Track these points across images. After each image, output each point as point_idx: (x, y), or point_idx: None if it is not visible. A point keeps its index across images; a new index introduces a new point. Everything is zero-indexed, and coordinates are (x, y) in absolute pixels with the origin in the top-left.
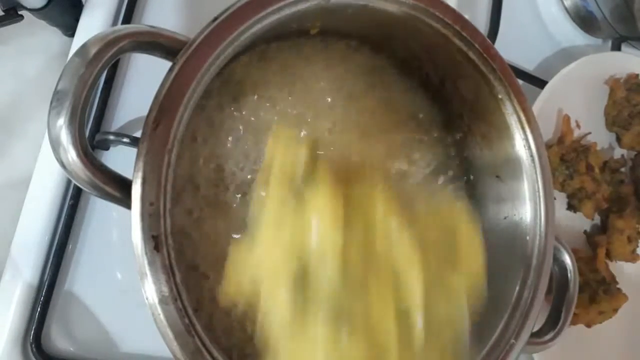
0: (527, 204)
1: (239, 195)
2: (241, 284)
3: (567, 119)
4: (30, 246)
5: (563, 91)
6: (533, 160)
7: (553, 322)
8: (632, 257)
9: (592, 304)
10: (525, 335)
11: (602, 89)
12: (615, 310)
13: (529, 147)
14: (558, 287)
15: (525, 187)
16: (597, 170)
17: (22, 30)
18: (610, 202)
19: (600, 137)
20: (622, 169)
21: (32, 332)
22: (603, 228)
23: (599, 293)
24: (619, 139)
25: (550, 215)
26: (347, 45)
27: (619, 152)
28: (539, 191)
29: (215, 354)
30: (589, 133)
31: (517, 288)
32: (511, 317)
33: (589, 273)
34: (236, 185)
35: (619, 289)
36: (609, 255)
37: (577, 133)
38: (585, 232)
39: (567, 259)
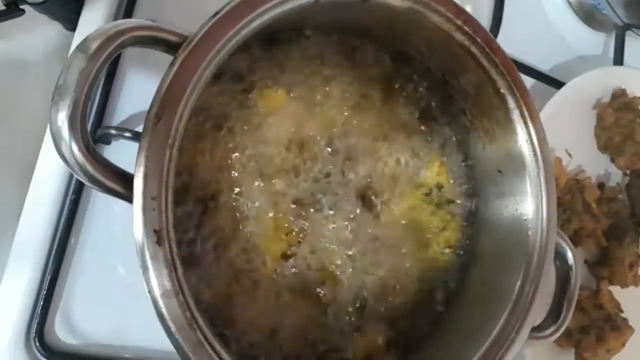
0: (529, 199)
1: None
2: None
3: (558, 161)
4: (33, 240)
5: (550, 123)
6: (535, 155)
7: (554, 317)
8: (634, 281)
9: (599, 343)
10: (526, 330)
11: (589, 113)
12: (623, 344)
13: (532, 142)
14: (560, 282)
15: (527, 182)
16: (594, 205)
17: (23, 24)
18: (609, 231)
19: (592, 160)
20: (620, 196)
21: (35, 326)
22: (603, 256)
23: (606, 331)
24: (613, 159)
25: (551, 210)
26: (346, 41)
27: (614, 177)
28: (540, 186)
29: (217, 347)
30: (583, 171)
31: (519, 283)
32: (512, 312)
33: (594, 311)
34: None
35: (624, 321)
36: (611, 282)
37: (567, 161)
38: (585, 262)
39: (569, 254)
